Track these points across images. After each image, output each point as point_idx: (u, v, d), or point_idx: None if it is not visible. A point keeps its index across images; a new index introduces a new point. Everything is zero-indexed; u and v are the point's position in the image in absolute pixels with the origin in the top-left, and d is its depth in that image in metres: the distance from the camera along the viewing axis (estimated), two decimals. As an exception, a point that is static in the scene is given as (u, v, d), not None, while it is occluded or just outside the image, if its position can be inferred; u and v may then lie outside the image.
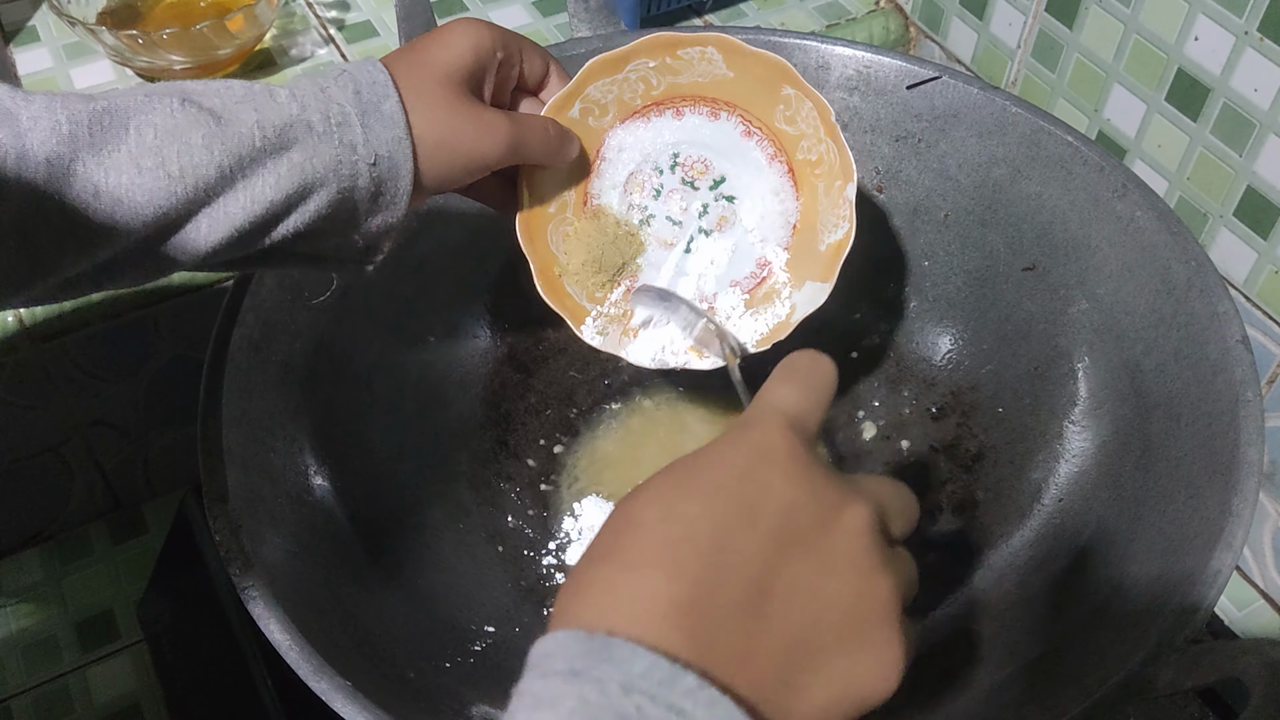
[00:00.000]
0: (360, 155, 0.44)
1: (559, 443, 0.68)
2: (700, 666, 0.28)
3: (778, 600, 0.30)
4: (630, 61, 0.54)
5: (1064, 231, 0.62)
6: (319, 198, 0.44)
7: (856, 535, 0.32)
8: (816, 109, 0.53)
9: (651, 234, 0.58)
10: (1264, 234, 0.66)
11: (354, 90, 0.44)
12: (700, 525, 0.30)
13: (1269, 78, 0.63)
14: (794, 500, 0.31)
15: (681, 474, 0.32)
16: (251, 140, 0.42)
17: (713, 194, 0.57)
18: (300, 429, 0.56)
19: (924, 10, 0.87)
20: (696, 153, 0.57)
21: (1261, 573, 0.75)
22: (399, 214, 0.47)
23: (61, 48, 0.80)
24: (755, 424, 0.33)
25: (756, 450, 0.32)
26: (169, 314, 0.70)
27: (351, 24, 0.84)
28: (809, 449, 0.33)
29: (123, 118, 0.40)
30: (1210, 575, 0.46)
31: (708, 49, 0.53)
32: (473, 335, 0.68)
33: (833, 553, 0.31)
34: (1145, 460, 0.55)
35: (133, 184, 0.40)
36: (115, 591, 0.74)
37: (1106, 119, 0.74)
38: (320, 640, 0.46)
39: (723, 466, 0.32)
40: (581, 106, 0.54)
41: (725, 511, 0.31)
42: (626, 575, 0.30)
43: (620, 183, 0.57)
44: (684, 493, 0.31)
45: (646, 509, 0.31)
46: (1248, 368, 0.52)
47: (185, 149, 0.40)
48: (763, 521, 0.31)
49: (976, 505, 0.63)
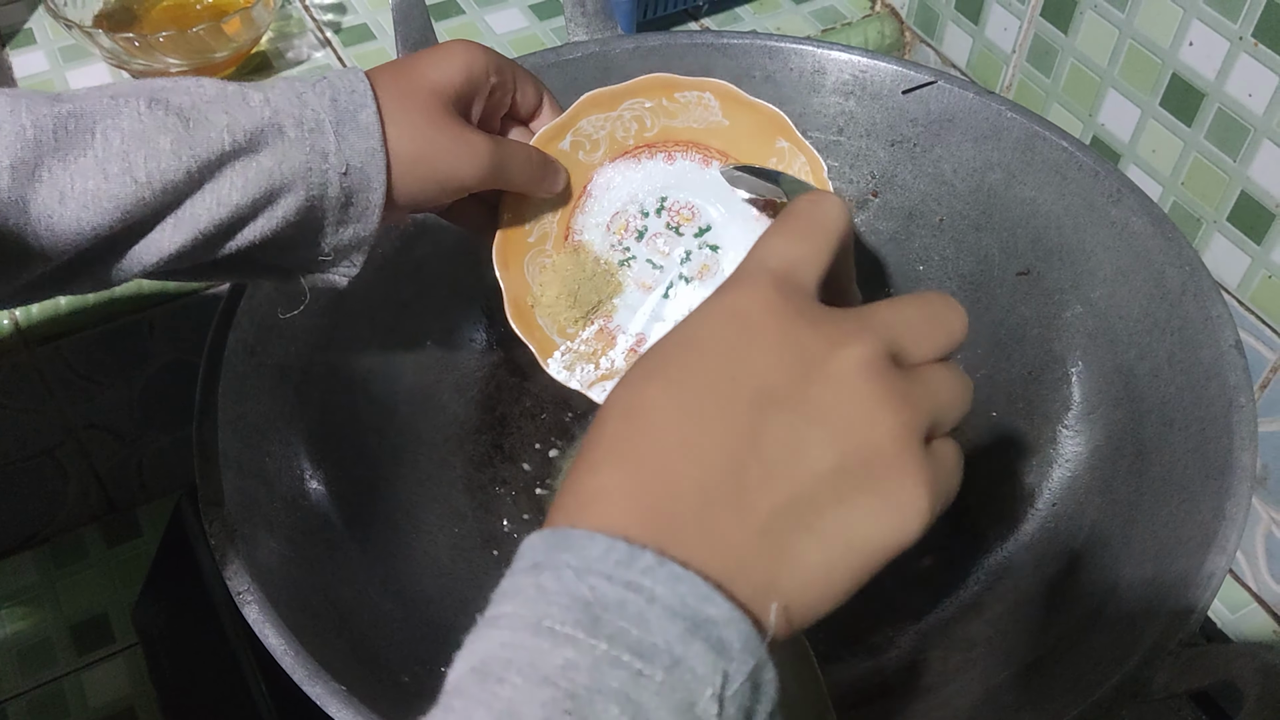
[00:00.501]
0: (331, 164, 0.43)
1: (554, 447, 0.68)
2: (660, 547, 0.27)
3: (755, 469, 0.29)
4: (626, 100, 0.53)
5: (1058, 236, 0.62)
6: (286, 203, 0.43)
7: (846, 377, 0.29)
8: (810, 164, 0.53)
9: (631, 275, 0.57)
10: (1258, 239, 0.66)
11: (331, 98, 0.44)
12: (662, 412, 0.29)
13: (1263, 83, 0.63)
14: (769, 363, 0.29)
15: (652, 358, 0.31)
16: (221, 144, 0.41)
17: (697, 241, 0.56)
18: (295, 433, 0.56)
19: (919, 15, 0.87)
20: (685, 198, 0.56)
21: (1255, 576, 0.75)
22: (371, 228, 0.46)
23: (58, 50, 0.80)
24: (735, 285, 0.31)
25: (729, 316, 0.30)
26: (164, 317, 0.70)
27: (348, 27, 0.84)
28: (798, 301, 0.31)
29: (88, 122, 0.39)
30: (1203, 579, 0.47)
31: (705, 94, 0.53)
32: (469, 339, 0.68)
33: (818, 402, 0.29)
34: (1139, 465, 0.55)
35: (99, 189, 0.39)
36: (110, 595, 0.74)
37: (1101, 124, 0.74)
38: (315, 644, 0.46)
39: (694, 341, 0.30)
40: (573, 139, 0.54)
41: (690, 390, 0.29)
42: (590, 473, 0.29)
43: (604, 221, 0.56)
44: (650, 378, 0.30)
45: (615, 403, 0.30)
46: (1241, 373, 0.52)
47: (153, 154, 0.40)
48: (733, 397, 0.29)
49: (971, 510, 0.63)
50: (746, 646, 0.27)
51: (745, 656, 0.27)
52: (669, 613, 0.26)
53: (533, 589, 0.27)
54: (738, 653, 0.27)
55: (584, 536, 0.27)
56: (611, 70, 0.66)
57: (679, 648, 0.26)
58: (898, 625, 0.59)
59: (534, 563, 0.27)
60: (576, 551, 0.27)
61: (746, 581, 0.28)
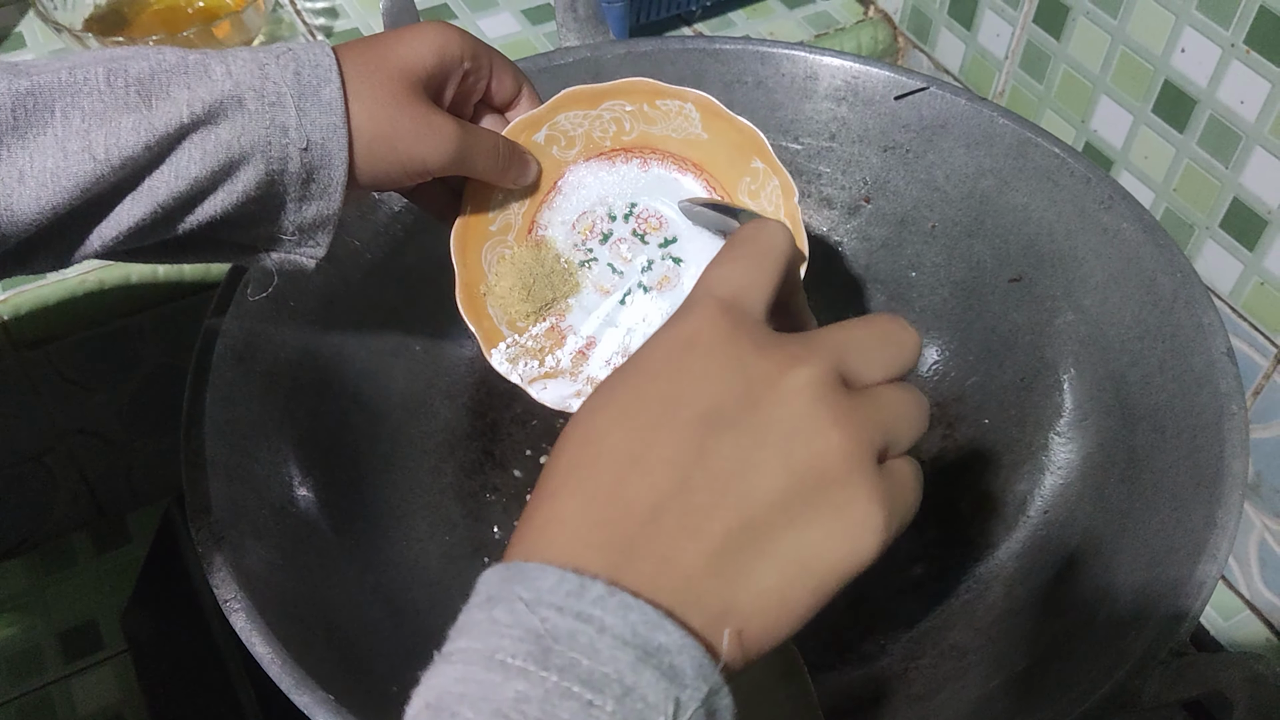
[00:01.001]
0: (291, 139, 0.42)
1: (545, 453, 0.68)
2: (612, 578, 0.27)
3: (703, 492, 0.28)
4: (607, 100, 0.53)
5: (1050, 243, 0.62)
6: (245, 176, 0.42)
7: (793, 397, 0.29)
8: (782, 187, 0.53)
9: (590, 277, 0.56)
10: (1250, 245, 0.66)
11: (294, 71, 0.43)
12: (612, 438, 0.29)
13: (1255, 90, 0.63)
14: (717, 386, 0.29)
15: (604, 388, 0.31)
16: (180, 117, 0.40)
17: (661, 251, 0.56)
18: (285, 439, 0.56)
19: (912, 20, 0.87)
20: (654, 207, 0.55)
21: (1248, 584, 0.75)
22: (334, 206, 0.45)
23: (48, 53, 0.80)
24: (684, 314, 0.31)
25: (679, 342, 0.31)
26: (154, 322, 0.70)
27: (339, 30, 0.84)
28: (746, 325, 0.31)
29: (48, 99, 0.39)
30: (1194, 587, 0.47)
31: (687, 105, 0.52)
32: (459, 344, 0.68)
33: (765, 424, 0.29)
34: (1130, 472, 0.55)
35: (58, 168, 0.39)
36: (99, 601, 0.73)
37: (1094, 130, 0.74)
38: (302, 653, 0.45)
39: (642, 368, 0.31)
40: (548, 133, 0.53)
41: (639, 414, 0.29)
42: (544, 503, 0.29)
43: (571, 219, 0.56)
44: (601, 406, 0.30)
45: (570, 433, 0.30)
46: (1232, 380, 0.52)
47: (113, 131, 0.39)
48: (680, 418, 0.29)
49: (962, 517, 0.63)
50: (700, 673, 0.27)
51: (698, 683, 0.27)
52: (619, 642, 0.26)
53: (486, 623, 0.27)
54: (690, 680, 0.27)
55: (536, 569, 0.27)
56: (603, 75, 0.66)
57: (630, 677, 0.26)
58: (889, 633, 0.59)
59: (488, 596, 0.28)
60: (529, 584, 0.27)
61: (700, 608, 0.28)
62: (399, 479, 0.62)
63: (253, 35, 0.78)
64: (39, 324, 0.67)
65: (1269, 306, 0.67)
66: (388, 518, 0.60)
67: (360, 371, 0.62)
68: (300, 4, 0.86)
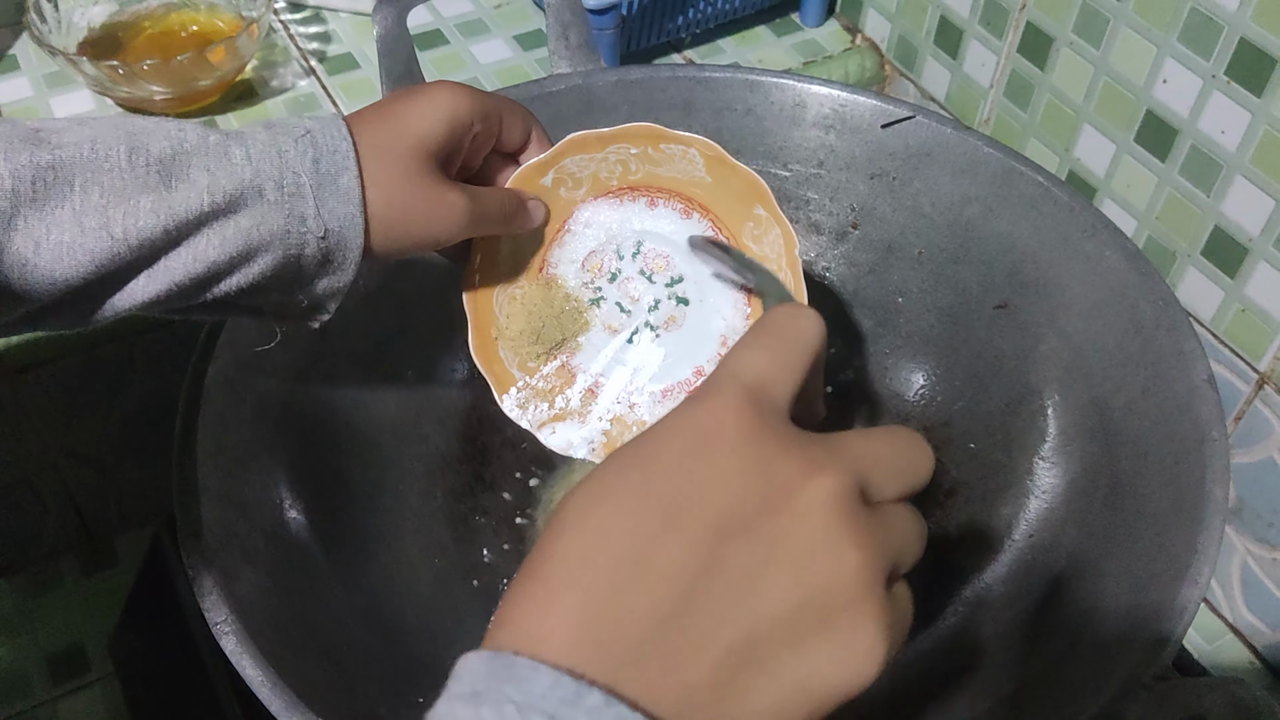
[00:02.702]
0: (310, 227, 0.43)
1: (535, 476, 0.68)
2: (609, 684, 0.26)
3: (712, 601, 0.27)
4: (612, 144, 0.53)
5: (1035, 270, 0.63)
6: (263, 261, 0.43)
7: (815, 512, 0.28)
8: (784, 237, 0.53)
9: (598, 316, 0.57)
10: (1231, 273, 0.67)
11: (313, 159, 0.43)
12: (618, 533, 0.28)
13: (1236, 120, 0.64)
14: (736, 486, 0.28)
15: (612, 469, 0.29)
16: (200, 204, 0.41)
17: (667, 291, 0.56)
18: (276, 463, 0.56)
19: (899, 49, 0.88)
20: (661, 247, 0.56)
21: (1230, 607, 0.76)
22: (346, 279, 0.46)
23: (42, 77, 0.80)
24: (705, 398, 0.30)
25: (700, 431, 0.29)
26: (145, 347, 0.70)
27: (333, 56, 0.85)
28: (770, 420, 0.30)
29: (68, 174, 0.39)
30: (1177, 611, 0.47)
31: (690, 150, 0.53)
32: (450, 370, 0.68)
33: (783, 537, 0.28)
34: (1113, 497, 0.56)
35: (74, 242, 0.39)
36: (87, 624, 0.73)
37: (1077, 158, 0.75)
38: (293, 676, 0.46)
39: (656, 458, 0.29)
40: (555, 176, 0.54)
41: (652, 510, 0.28)
42: (540, 591, 0.28)
43: (580, 257, 0.56)
44: (609, 494, 0.29)
45: (570, 516, 0.29)
46: (1213, 407, 0.53)
47: (131, 211, 0.40)
48: (695, 517, 0.28)
49: (949, 541, 0.63)
50: None
51: None
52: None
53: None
54: None
55: (528, 667, 0.26)
56: (594, 103, 0.67)
57: None
58: (876, 656, 0.59)
59: (474, 690, 0.26)
60: (520, 684, 0.26)
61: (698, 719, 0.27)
62: (389, 503, 0.62)
63: (245, 60, 0.79)
64: (30, 348, 0.67)
65: (1250, 333, 0.68)
66: (378, 541, 0.60)
67: (352, 397, 0.63)
68: (294, 30, 0.86)
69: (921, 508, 0.68)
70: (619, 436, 0.57)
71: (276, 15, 0.87)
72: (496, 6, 0.90)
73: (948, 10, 0.82)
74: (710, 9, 0.87)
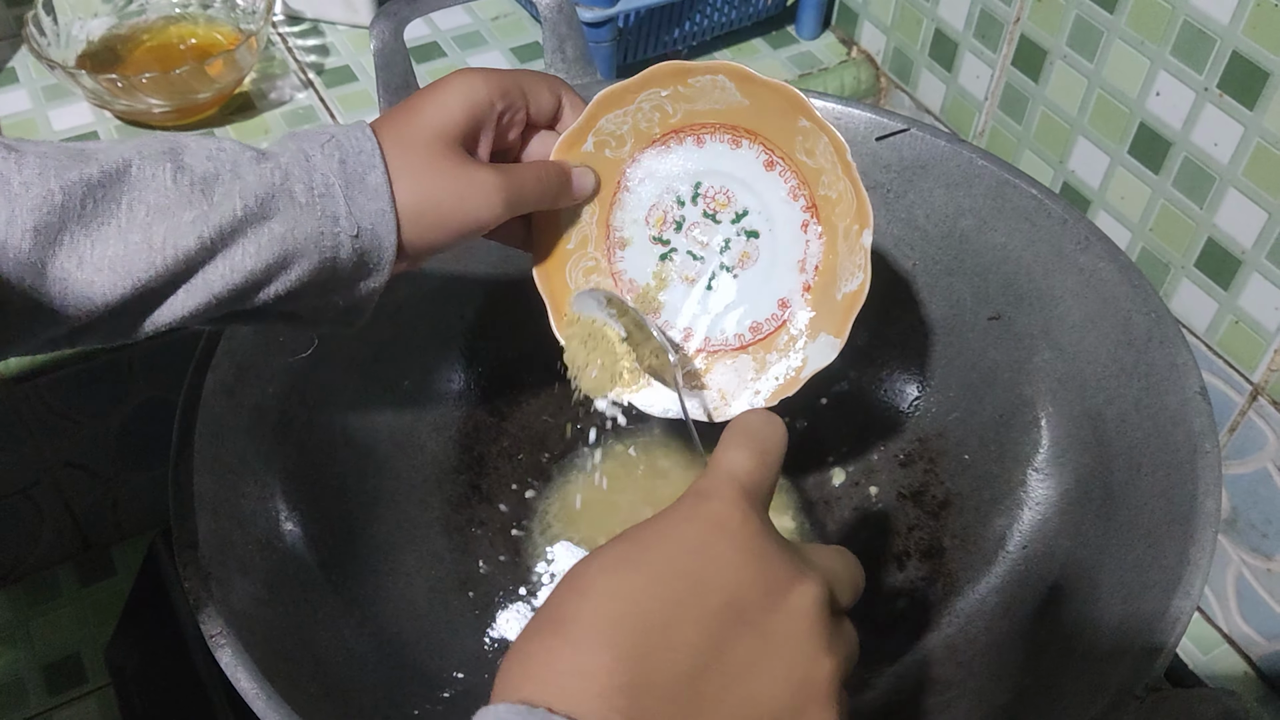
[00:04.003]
0: (343, 228, 0.44)
1: (531, 487, 0.68)
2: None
3: (717, 680, 0.31)
4: (641, 92, 0.52)
5: (1028, 282, 0.63)
6: (300, 267, 0.43)
7: (803, 615, 0.33)
8: (833, 145, 0.50)
9: (674, 269, 0.56)
10: (1224, 285, 0.68)
11: (339, 160, 0.44)
12: (647, 602, 0.31)
13: (1228, 132, 0.64)
14: (742, 577, 0.32)
15: (634, 544, 0.33)
16: (234, 212, 0.41)
17: (734, 228, 0.55)
18: (272, 474, 0.56)
19: (894, 61, 0.89)
20: (719, 183, 0.54)
21: (1226, 618, 0.76)
22: (383, 279, 0.46)
23: (40, 89, 0.81)
24: (710, 494, 0.34)
25: (710, 523, 0.33)
26: (142, 356, 0.70)
27: (331, 68, 0.85)
28: (763, 519, 0.34)
29: (116, 192, 0.40)
30: (1169, 622, 0.47)
31: (719, 77, 0.51)
32: (447, 379, 0.68)
33: (777, 633, 0.32)
34: (1106, 509, 0.56)
35: (116, 256, 0.39)
36: (83, 634, 0.73)
37: (1071, 170, 0.76)
38: (288, 688, 0.46)
39: (675, 539, 0.33)
40: (596, 140, 0.53)
41: (673, 588, 0.32)
42: (569, 650, 0.30)
43: (642, 215, 0.55)
44: (634, 566, 0.32)
45: (595, 580, 0.32)
46: (1206, 419, 0.53)
47: (173, 227, 0.40)
48: (709, 600, 0.32)
49: (944, 551, 0.63)
50: None
51: None
52: None
53: None
54: None
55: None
56: (590, 115, 0.67)
57: None
58: (873, 668, 0.59)
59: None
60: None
61: None
62: (386, 513, 0.62)
63: (244, 73, 0.79)
64: (28, 359, 0.67)
65: (1244, 344, 0.68)
66: (374, 552, 0.60)
67: (348, 406, 0.63)
68: (292, 43, 0.87)
69: (918, 519, 0.68)
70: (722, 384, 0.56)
71: (275, 28, 0.88)
72: (494, 19, 0.91)
73: (943, 23, 0.82)
74: (707, 21, 0.87)
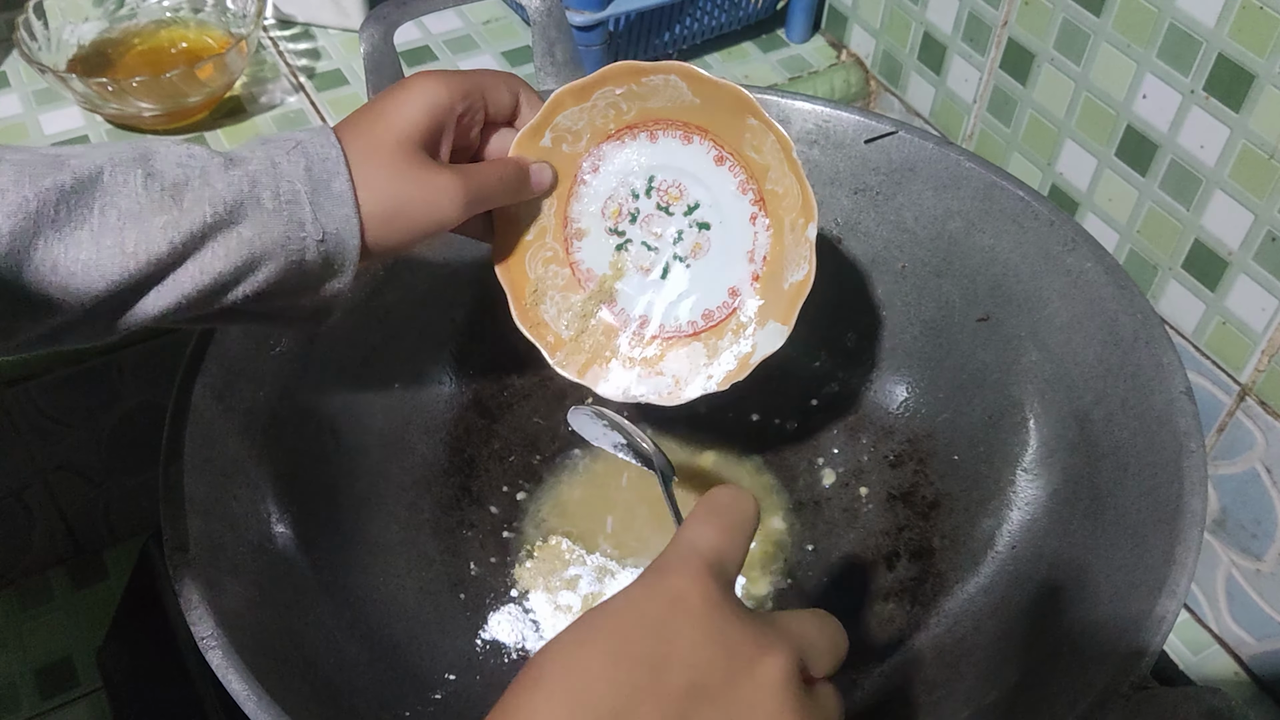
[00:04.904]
0: (309, 233, 0.45)
1: (521, 489, 0.68)
2: None
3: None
4: (597, 89, 0.54)
5: (1016, 283, 0.64)
6: (267, 270, 0.45)
7: (769, 690, 0.32)
8: (779, 143, 0.53)
9: (629, 259, 0.58)
10: (1211, 286, 0.68)
11: (305, 167, 0.45)
12: (603, 688, 0.31)
13: (1214, 135, 0.65)
14: (704, 655, 0.32)
15: (589, 628, 0.33)
16: (204, 217, 0.43)
17: (687, 220, 0.57)
18: (263, 476, 0.56)
19: (883, 65, 0.89)
20: (671, 177, 0.57)
21: (1216, 618, 0.76)
22: (346, 282, 0.47)
23: (31, 94, 0.81)
24: (672, 569, 0.34)
25: (670, 600, 0.33)
26: (133, 359, 0.70)
27: (321, 72, 0.85)
28: (727, 594, 0.34)
29: (89, 199, 0.41)
30: (1155, 622, 0.47)
31: (671, 77, 0.53)
32: (437, 382, 0.69)
33: (743, 711, 0.32)
34: (1094, 508, 0.56)
35: (90, 260, 0.41)
36: (75, 638, 0.73)
37: (1059, 173, 0.76)
38: (279, 690, 0.46)
39: (633, 619, 0.33)
40: (553, 135, 0.55)
41: (631, 672, 0.32)
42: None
43: (598, 207, 0.57)
44: (591, 648, 0.32)
45: (552, 663, 0.32)
46: (1191, 419, 0.53)
47: (144, 232, 0.41)
48: (670, 681, 0.32)
49: (933, 552, 0.63)
50: None
51: None
52: None
53: None
54: None
55: None
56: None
57: None
58: (861, 668, 0.59)
59: None
60: None
61: None
62: (376, 515, 0.62)
63: (235, 77, 0.79)
64: (18, 361, 0.67)
65: (1231, 345, 0.68)
66: (365, 554, 0.60)
67: (339, 408, 0.63)
68: (283, 46, 0.87)
69: (907, 520, 0.69)
70: (676, 370, 0.57)
71: (266, 32, 0.88)
72: (485, 23, 0.91)
73: (931, 26, 0.82)
74: (697, 25, 0.88)
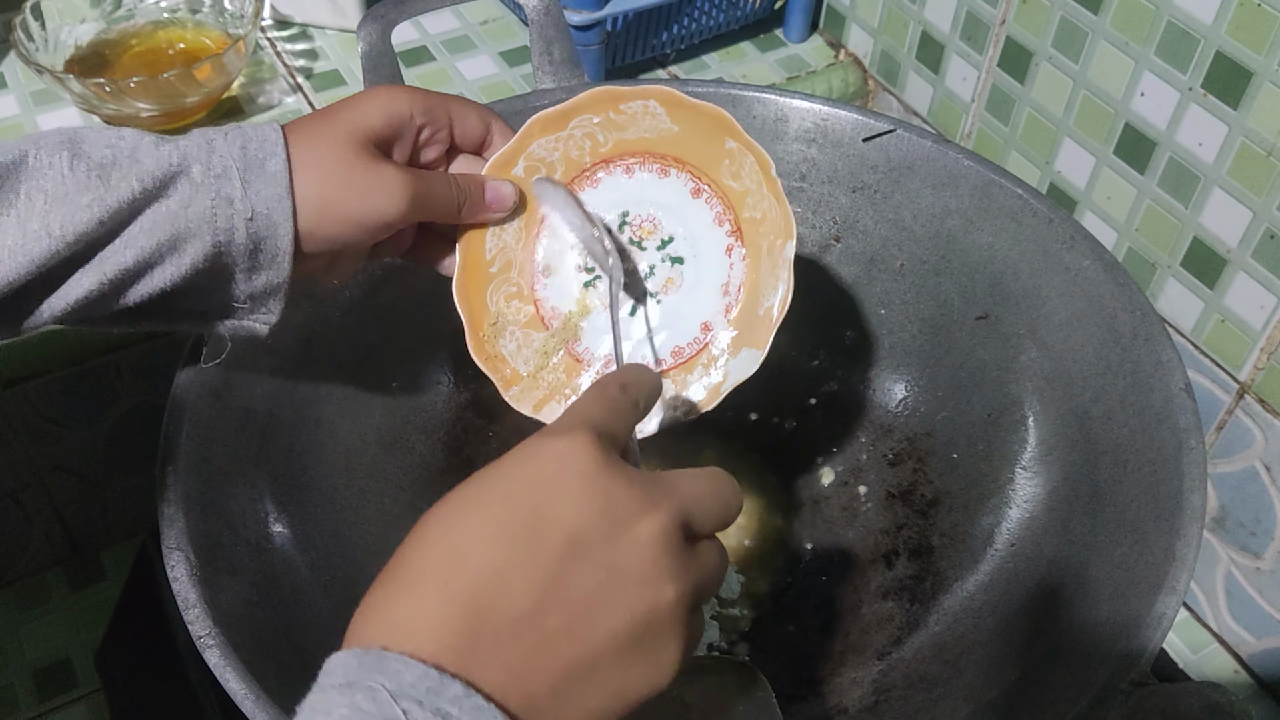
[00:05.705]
0: (237, 210, 0.44)
1: (521, 488, 0.68)
2: (468, 678, 0.30)
3: (560, 615, 0.31)
4: (574, 117, 0.53)
5: (1015, 281, 0.64)
6: (193, 249, 0.43)
7: (646, 546, 0.33)
8: (758, 162, 0.52)
9: (597, 297, 0.56)
10: (1210, 284, 0.68)
11: (240, 146, 0.44)
12: (481, 544, 0.31)
13: (1213, 132, 0.65)
14: (583, 513, 0.32)
15: (473, 487, 0.33)
16: (131, 192, 0.42)
17: (660, 254, 0.55)
18: (261, 476, 0.56)
19: (881, 64, 0.89)
20: (646, 211, 0.55)
21: (1215, 616, 0.76)
22: (283, 274, 0.46)
23: (29, 94, 0.81)
24: (558, 433, 0.34)
25: (553, 459, 0.33)
26: (131, 360, 0.70)
27: (319, 72, 0.85)
28: (610, 456, 0.34)
29: (14, 183, 0.41)
30: (1155, 619, 0.47)
31: (649, 102, 0.52)
32: (436, 381, 0.69)
33: (619, 567, 0.32)
34: (1093, 506, 0.56)
35: (16, 244, 0.40)
36: (73, 639, 0.73)
37: (1058, 171, 0.76)
38: (277, 689, 0.46)
39: (515, 478, 0.33)
40: (526, 164, 0.53)
41: (508, 528, 0.32)
42: (404, 596, 0.31)
43: (568, 244, 0.56)
44: (469, 510, 0.32)
45: (432, 529, 0.32)
46: (1190, 416, 0.53)
47: (71, 212, 0.41)
48: (549, 536, 0.32)
49: (932, 550, 0.63)
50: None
51: None
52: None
53: (346, 707, 0.29)
54: None
55: (398, 661, 0.29)
56: (578, 118, 0.67)
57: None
58: (861, 665, 0.59)
59: (347, 681, 0.29)
60: (391, 675, 0.29)
61: (538, 718, 0.31)
62: (375, 514, 0.62)
63: (233, 77, 0.79)
64: (16, 362, 0.67)
65: (1230, 343, 0.68)
66: (363, 553, 0.60)
67: (337, 408, 0.63)
68: (281, 47, 0.87)
69: (906, 518, 0.68)
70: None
71: (263, 32, 0.88)
72: (483, 23, 0.91)
73: (929, 25, 0.82)
74: (695, 25, 0.88)
